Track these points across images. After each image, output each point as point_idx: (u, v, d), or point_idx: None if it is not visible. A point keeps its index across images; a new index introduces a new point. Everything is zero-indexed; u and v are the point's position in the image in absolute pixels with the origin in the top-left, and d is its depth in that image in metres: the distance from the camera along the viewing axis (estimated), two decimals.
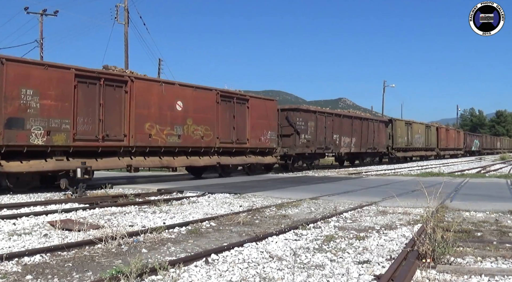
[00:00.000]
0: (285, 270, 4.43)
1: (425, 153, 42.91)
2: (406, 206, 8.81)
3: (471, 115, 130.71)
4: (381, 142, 32.56)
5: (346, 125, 27.69)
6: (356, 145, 28.84)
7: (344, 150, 27.61)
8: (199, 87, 17.23)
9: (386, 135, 33.93)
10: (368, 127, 30.45)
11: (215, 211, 8.76)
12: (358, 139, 29.02)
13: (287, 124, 22.43)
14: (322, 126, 24.97)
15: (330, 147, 25.75)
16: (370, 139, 30.57)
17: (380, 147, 32.25)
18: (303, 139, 23.09)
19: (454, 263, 4.62)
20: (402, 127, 36.86)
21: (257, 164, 20.13)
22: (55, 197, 11.48)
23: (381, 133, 32.42)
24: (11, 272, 4.44)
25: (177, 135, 15.82)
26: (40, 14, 33.77)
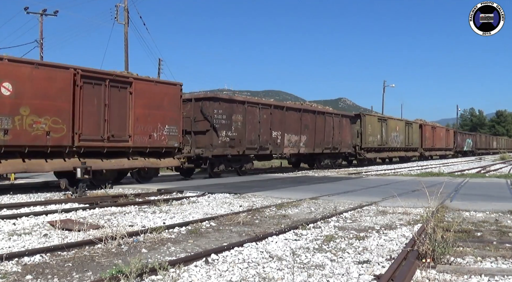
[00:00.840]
0: (285, 270, 4.43)
1: (405, 154, 37.56)
2: (406, 206, 8.80)
3: (471, 115, 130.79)
4: (345, 141, 27.36)
5: (291, 120, 22.27)
6: (308, 145, 23.60)
7: (290, 151, 22.41)
8: (45, 65, 12.86)
9: (353, 133, 28.91)
10: (325, 123, 25.16)
11: (215, 211, 8.76)
12: (311, 137, 23.78)
13: (202, 118, 17.47)
14: (254, 121, 19.71)
15: (267, 147, 20.49)
16: (328, 138, 25.33)
17: (343, 147, 27.04)
18: (224, 137, 18.01)
19: (454, 263, 4.62)
20: (374, 124, 31.58)
21: (149, 169, 15.38)
22: (55, 197, 11.48)
23: (344, 130, 27.20)
24: (11, 272, 4.44)
25: (3, 130, 11.43)
26: (40, 14, 33.77)
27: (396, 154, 36.40)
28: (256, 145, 19.84)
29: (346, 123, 27.72)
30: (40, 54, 32.93)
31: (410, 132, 38.40)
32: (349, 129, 28.14)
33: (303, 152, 23.66)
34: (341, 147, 26.85)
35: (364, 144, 29.99)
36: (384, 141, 33.04)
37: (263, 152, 20.56)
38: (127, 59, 30.30)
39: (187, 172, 19.02)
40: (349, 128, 28.08)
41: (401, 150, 36.76)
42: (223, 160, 18.30)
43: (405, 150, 37.59)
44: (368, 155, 30.91)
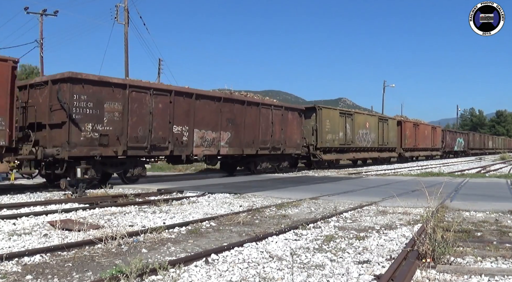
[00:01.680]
0: (285, 270, 4.43)
1: (378, 155, 32.21)
2: (406, 206, 8.81)
3: (471, 115, 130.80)
4: (292, 140, 22.29)
5: (206, 112, 17.16)
6: (233, 144, 18.50)
7: (205, 152, 17.13)
8: None
9: (306, 130, 24.17)
10: (261, 117, 20.03)
11: (215, 211, 8.76)
12: (238, 134, 18.72)
13: (59, 106, 12.78)
14: (142, 112, 14.57)
15: (165, 146, 15.41)
16: (265, 136, 20.29)
17: (288, 147, 22.03)
18: (91, 132, 13.26)
19: (454, 263, 4.62)
20: (334, 119, 26.29)
21: None
22: (55, 197, 11.48)
23: (290, 126, 22.19)
24: (11, 272, 4.44)
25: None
26: (40, 14, 33.80)
27: (367, 155, 31.16)
28: (147, 144, 14.68)
29: (293, 118, 22.59)
30: (40, 54, 32.97)
31: (386, 129, 33.26)
32: (298, 126, 22.97)
33: (226, 153, 18.30)
34: (286, 146, 21.66)
35: (320, 143, 24.66)
36: (349, 140, 27.79)
37: (158, 153, 15.48)
38: (127, 59, 30.32)
39: None
40: (297, 124, 22.93)
41: (373, 150, 31.53)
42: (90, 162, 12.93)
43: (379, 150, 32.45)
44: (326, 156, 25.62)
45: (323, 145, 25.05)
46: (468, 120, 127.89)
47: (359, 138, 29.26)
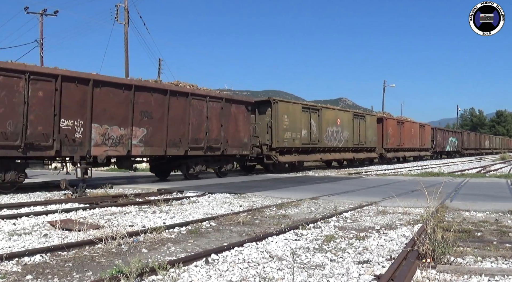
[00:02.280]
0: (285, 270, 4.43)
1: (353, 156, 28.64)
2: (406, 206, 8.81)
3: (471, 115, 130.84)
4: (237, 138, 18.87)
5: (111, 103, 14.05)
6: (152, 142, 15.22)
7: (109, 152, 14.04)
8: None
9: (258, 128, 21.04)
10: (191, 111, 16.64)
11: (215, 211, 8.76)
12: (160, 131, 15.43)
13: None
14: (12, 102, 11.73)
15: (48, 143, 12.46)
16: (198, 133, 16.93)
17: (232, 147, 18.52)
18: None
19: (454, 263, 4.62)
20: (295, 115, 22.68)
21: None
22: (55, 197, 11.49)
23: (234, 123, 18.73)
24: (11, 272, 4.44)
25: None
26: (40, 14, 33.82)
27: (338, 156, 27.31)
28: (20, 142, 11.82)
29: (239, 112, 18.98)
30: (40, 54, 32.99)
31: (362, 127, 29.69)
32: (246, 121, 19.37)
33: (141, 154, 15.19)
34: (228, 146, 18.22)
35: (276, 142, 21.13)
36: (315, 139, 24.19)
37: (37, 153, 12.44)
38: (127, 59, 30.33)
39: None
40: (245, 120, 19.29)
41: (347, 150, 28.06)
42: None
43: (354, 150, 29.03)
44: (285, 157, 22.09)
45: (280, 144, 21.44)
46: (468, 120, 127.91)
47: (328, 137, 25.65)
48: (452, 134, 54.04)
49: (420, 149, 41.45)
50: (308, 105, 25.07)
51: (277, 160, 21.31)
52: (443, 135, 49.99)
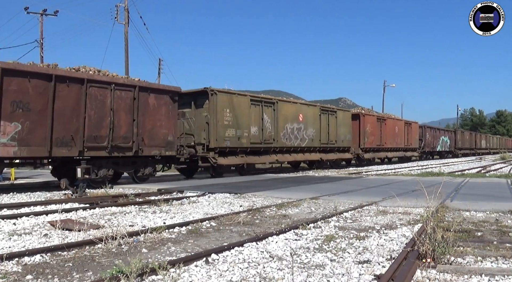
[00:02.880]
0: (285, 270, 4.43)
1: (320, 156, 24.81)
2: (406, 205, 8.81)
3: (471, 115, 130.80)
4: (157, 136, 15.46)
5: None
6: (30, 140, 12.26)
7: None
8: None
9: (193, 124, 18.19)
10: (88, 101, 13.57)
11: (215, 211, 8.76)
12: (41, 126, 12.48)
13: None
14: None
15: None
16: (98, 129, 13.84)
17: (151, 147, 15.24)
18: None
19: (454, 263, 4.62)
20: (241, 109, 19.31)
21: None
22: (55, 197, 11.49)
23: (153, 117, 15.29)
24: (11, 272, 4.44)
25: None
26: (40, 14, 33.83)
27: (301, 157, 23.71)
28: None
29: (160, 104, 15.56)
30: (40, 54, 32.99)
31: (333, 124, 26.11)
32: (170, 115, 15.91)
33: (13, 155, 12.06)
34: (145, 146, 14.96)
35: (214, 141, 17.81)
36: (269, 137, 20.79)
37: None
38: (127, 59, 30.33)
39: None
40: (168, 113, 15.85)
41: (312, 151, 24.37)
42: None
43: (323, 150, 25.31)
44: (227, 160, 18.50)
45: (220, 144, 18.01)
46: (468, 120, 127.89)
47: (287, 135, 22.17)
48: (444, 133, 50.09)
49: (406, 149, 37.85)
50: (260, 98, 20.90)
51: (215, 162, 17.91)
52: (433, 134, 46.08)
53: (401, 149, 36.61)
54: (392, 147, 34.53)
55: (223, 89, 19.01)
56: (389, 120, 34.45)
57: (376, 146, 31.51)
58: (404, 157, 38.19)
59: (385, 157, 34.21)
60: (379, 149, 32.31)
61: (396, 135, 35.17)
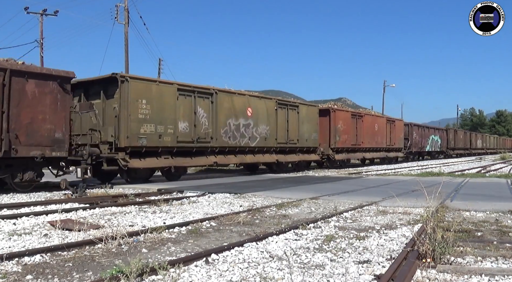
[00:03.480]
0: (285, 270, 4.43)
1: (276, 158, 21.39)
2: (406, 205, 8.81)
3: (471, 115, 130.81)
4: (38, 132, 12.36)
5: None
6: None
7: None
8: None
9: (100, 118, 14.82)
10: None
11: (215, 210, 8.76)
12: None
13: None
14: None
15: None
16: None
17: (28, 146, 12.13)
18: None
19: (454, 263, 4.62)
20: (164, 100, 15.86)
21: None
22: (55, 197, 11.48)
23: (33, 108, 12.25)
24: (11, 272, 4.44)
25: None
26: (40, 14, 33.83)
27: (249, 159, 19.91)
28: None
29: (45, 92, 12.47)
30: (40, 54, 33.00)
31: (294, 121, 22.63)
32: (60, 107, 12.83)
33: None
34: (19, 145, 11.95)
35: (125, 139, 14.50)
36: (205, 135, 17.38)
37: None
38: (127, 59, 30.35)
39: None
40: (58, 105, 12.78)
41: (265, 151, 20.82)
42: None
43: (280, 150, 21.82)
44: (143, 162, 15.15)
45: (132, 142, 14.63)
46: (468, 120, 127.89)
47: (230, 132, 18.62)
48: (434, 132, 45.92)
49: (389, 149, 33.84)
50: (192, 88, 17.15)
51: (126, 165, 14.43)
52: (422, 133, 41.97)
53: (382, 149, 32.66)
54: (371, 146, 30.71)
55: (139, 76, 15.61)
56: (367, 117, 30.62)
57: (351, 145, 27.68)
58: (387, 158, 33.82)
59: (361, 157, 30.33)
60: (354, 149, 28.48)
61: (375, 134, 31.31)
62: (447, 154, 50.00)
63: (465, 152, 57.24)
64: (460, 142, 54.80)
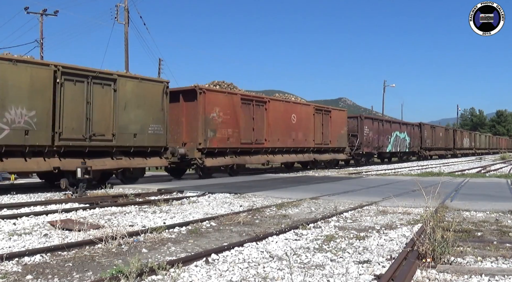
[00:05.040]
0: (285, 270, 4.43)
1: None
2: (406, 205, 8.81)
3: (472, 115, 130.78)
4: None
5: None
6: None
7: None
8: None
9: None
10: None
11: (215, 210, 8.76)
12: None
13: None
14: None
15: None
16: None
17: None
18: None
19: (454, 263, 4.62)
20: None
21: None
22: (55, 197, 11.48)
23: None
24: (11, 272, 4.44)
25: None
26: (40, 14, 33.83)
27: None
28: None
29: None
30: (40, 54, 32.98)
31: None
32: None
33: None
34: None
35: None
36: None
37: None
38: (127, 59, 30.33)
39: None
40: None
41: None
42: None
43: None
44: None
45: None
46: (468, 120, 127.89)
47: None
48: (400, 128, 36.12)
49: (320, 150, 24.62)
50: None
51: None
52: (379, 128, 31.95)
53: (306, 149, 23.48)
54: (284, 146, 21.73)
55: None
56: (274, 103, 21.30)
57: (240, 144, 19.04)
58: (315, 162, 24.61)
59: (265, 161, 20.98)
60: (248, 150, 19.74)
61: (293, 127, 22.26)
62: (421, 155, 41.27)
63: (447, 153, 48.84)
64: (439, 141, 45.75)
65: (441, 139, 46.76)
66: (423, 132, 41.31)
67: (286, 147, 22.11)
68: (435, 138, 44.53)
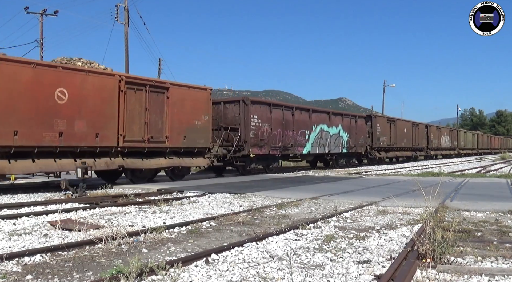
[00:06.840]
0: (285, 270, 4.43)
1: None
2: (406, 205, 8.81)
3: (472, 115, 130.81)
4: None
5: None
6: None
7: None
8: None
9: None
10: None
11: (215, 210, 8.76)
12: None
13: None
14: None
15: None
16: None
17: None
18: None
19: (454, 263, 4.62)
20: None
21: None
22: (55, 197, 11.48)
23: None
24: (11, 272, 4.44)
25: None
26: (40, 14, 33.85)
27: None
28: None
29: None
30: (40, 54, 33.00)
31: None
32: None
33: None
34: None
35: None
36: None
37: None
38: (127, 59, 30.33)
39: None
40: None
41: None
42: None
43: None
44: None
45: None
46: (469, 120, 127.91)
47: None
48: (327, 120, 25.41)
49: (146, 151, 15.00)
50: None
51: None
52: (284, 119, 21.76)
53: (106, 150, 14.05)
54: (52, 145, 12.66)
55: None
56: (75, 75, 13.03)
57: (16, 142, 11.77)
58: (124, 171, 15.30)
59: None
60: None
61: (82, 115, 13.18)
62: (371, 158, 30.75)
63: (416, 154, 39.33)
64: (402, 139, 35.13)
65: (406, 137, 36.03)
66: (374, 127, 30.55)
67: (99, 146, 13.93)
68: (395, 135, 33.73)
